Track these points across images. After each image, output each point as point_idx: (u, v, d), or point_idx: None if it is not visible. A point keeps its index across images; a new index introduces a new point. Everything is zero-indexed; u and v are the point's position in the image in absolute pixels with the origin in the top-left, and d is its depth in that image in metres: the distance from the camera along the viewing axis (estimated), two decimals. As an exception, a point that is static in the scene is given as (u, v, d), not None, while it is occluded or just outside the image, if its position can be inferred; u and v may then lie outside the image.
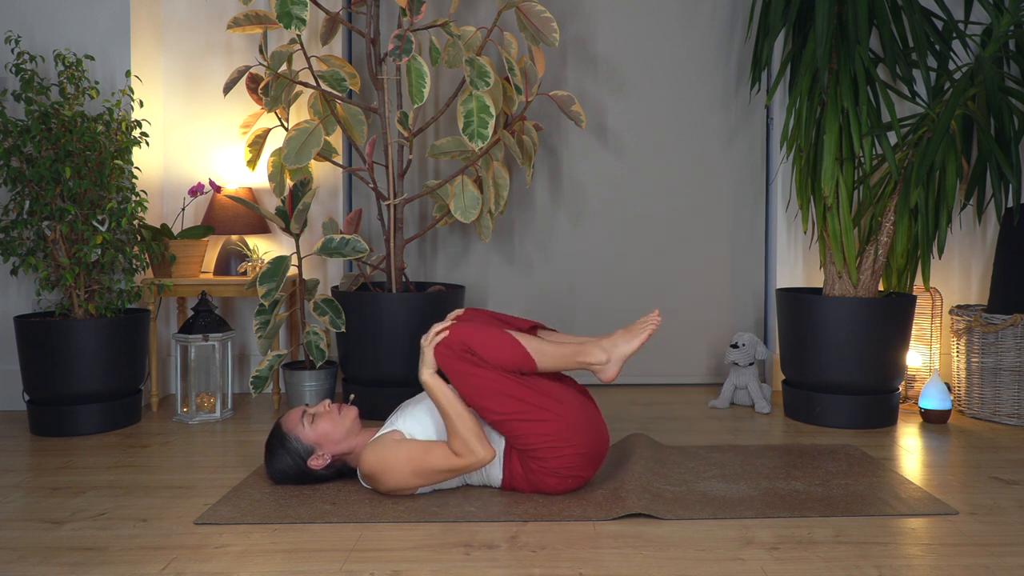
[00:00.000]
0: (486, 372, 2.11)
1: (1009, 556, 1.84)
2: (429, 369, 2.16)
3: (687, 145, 3.64)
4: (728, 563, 1.80)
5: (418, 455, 2.12)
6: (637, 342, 2.24)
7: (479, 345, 2.12)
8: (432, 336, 2.18)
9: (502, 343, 2.14)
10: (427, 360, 2.16)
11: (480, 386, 2.10)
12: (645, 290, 3.66)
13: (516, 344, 2.15)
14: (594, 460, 2.19)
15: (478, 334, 2.14)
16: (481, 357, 2.11)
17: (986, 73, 2.79)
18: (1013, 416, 2.99)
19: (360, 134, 3.18)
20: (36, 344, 2.82)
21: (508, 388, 2.10)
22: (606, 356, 2.24)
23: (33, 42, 3.18)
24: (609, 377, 2.25)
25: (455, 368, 2.12)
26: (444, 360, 2.13)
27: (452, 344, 2.12)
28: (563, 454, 2.13)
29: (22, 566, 1.79)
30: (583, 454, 2.16)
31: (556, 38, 2.91)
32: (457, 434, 2.10)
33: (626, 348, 2.25)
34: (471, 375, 2.10)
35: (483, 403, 2.11)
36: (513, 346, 2.14)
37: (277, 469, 2.25)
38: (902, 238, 2.99)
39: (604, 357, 2.24)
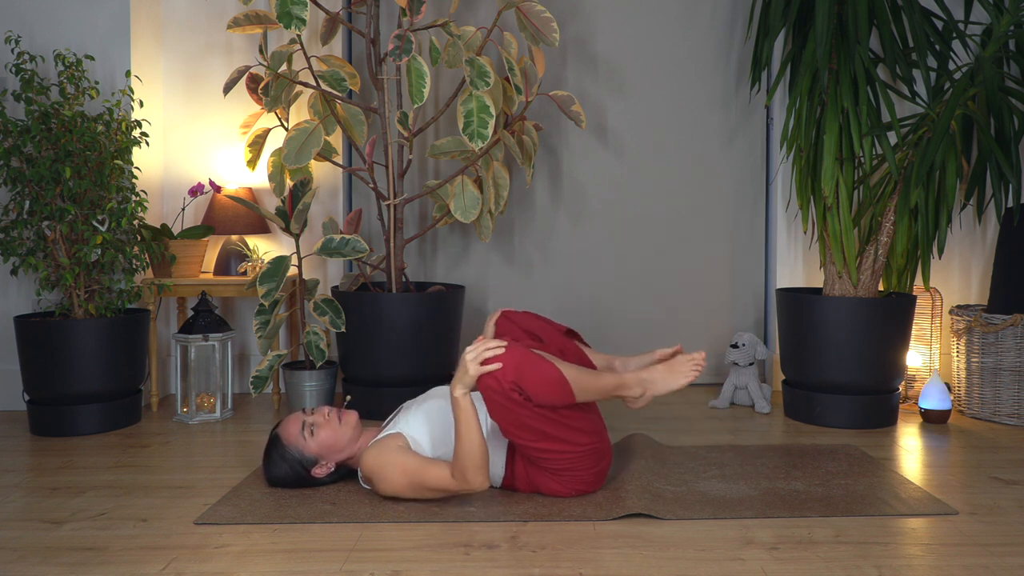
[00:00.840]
0: (528, 411, 2.05)
1: (1009, 556, 1.84)
2: (465, 389, 2.05)
3: (687, 145, 3.64)
4: (728, 563, 1.80)
5: (415, 470, 2.08)
6: (675, 386, 2.23)
7: (529, 384, 2.03)
8: (480, 355, 2.04)
9: (550, 382, 2.05)
10: (467, 381, 2.04)
11: (517, 421, 2.06)
12: (645, 290, 3.66)
13: (564, 383, 2.07)
14: (598, 480, 2.21)
15: (529, 371, 2.03)
16: (528, 396, 2.04)
17: (986, 73, 2.78)
18: (1013, 416, 2.99)
19: (360, 134, 3.18)
20: (36, 344, 2.82)
21: (543, 426, 2.07)
22: (641, 391, 2.23)
23: (33, 42, 3.18)
24: (636, 407, 2.26)
25: (499, 403, 2.04)
26: (490, 394, 2.04)
27: (503, 380, 2.02)
28: (574, 474, 2.16)
29: (22, 566, 1.79)
30: (593, 472, 2.18)
31: (556, 38, 2.91)
32: (460, 461, 2.04)
33: (662, 389, 2.23)
34: (512, 412, 2.05)
35: (514, 432, 2.08)
36: (560, 384, 2.06)
37: (276, 476, 2.24)
38: (902, 238, 2.99)
39: (639, 392, 2.23)
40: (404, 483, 2.09)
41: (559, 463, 2.13)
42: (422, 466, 2.08)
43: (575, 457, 2.13)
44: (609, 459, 2.22)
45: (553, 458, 2.12)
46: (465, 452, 2.03)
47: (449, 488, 2.07)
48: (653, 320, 3.67)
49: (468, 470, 2.03)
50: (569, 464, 2.14)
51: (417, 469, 2.08)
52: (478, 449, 2.03)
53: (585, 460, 2.15)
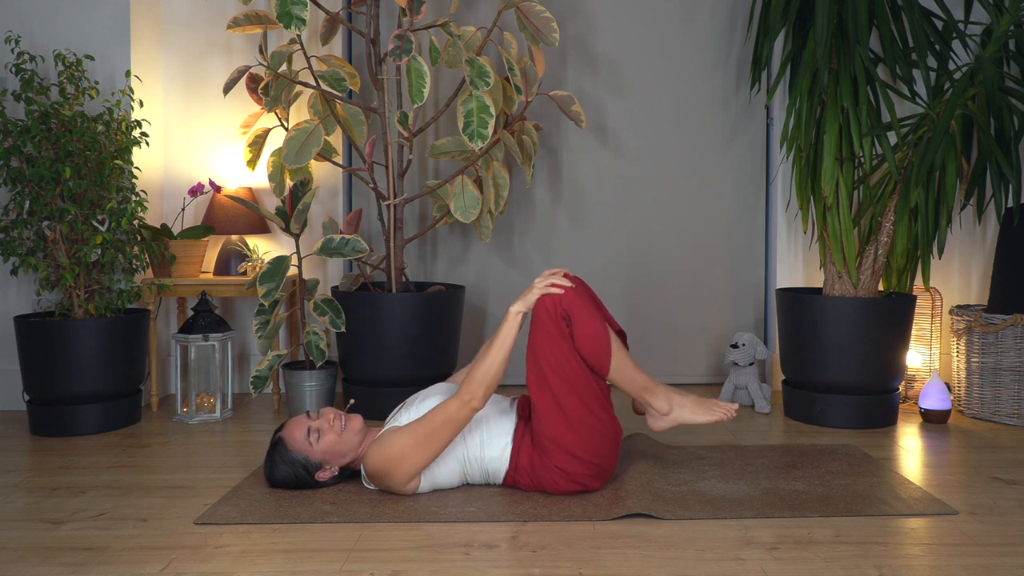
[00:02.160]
0: (567, 350, 2.12)
1: (1009, 556, 1.84)
2: (523, 308, 2.15)
3: (687, 145, 3.64)
4: (728, 563, 1.80)
5: (415, 425, 2.12)
6: (701, 419, 2.26)
7: (579, 323, 2.12)
8: (547, 281, 2.15)
9: (598, 334, 2.13)
10: (529, 299, 2.15)
11: (553, 355, 2.11)
12: (645, 290, 3.66)
13: (607, 343, 2.14)
14: (605, 475, 2.21)
15: (584, 311, 2.13)
16: (573, 332, 2.12)
17: (986, 73, 2.78)
18: (1013, 416, 2.99)
19: (360, 134, 3.18)
20: (36, 344, 2.82)
21: (573, 376, 2.12)
22: (668, 408, 2.26)
23: (33, 42, 3.18)
24: (657, 428, 2.29)
25: (546, 326, 2.12)
26: (541, 311, 2.13)
27: (560, 303, 2.12)
28: (581, 460, 2.14)
29: (22, 566, 1.79)
30: (598, 465, 2.17)
31: (556, 38, 2.91)
32: (475, 373, 2.10)
33: (688, 416, 2.26)
34: (553, 341, 2.11)
35: (543, 368, 2.11)
36: (603, 342, 2.14)
37: (278, 477, 2.24)
38: (902, 238, 2.99)
39: (666, 408, 2.26)
40: (411, 444, 2.11)
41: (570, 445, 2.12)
42: (423, 418, 2.12)
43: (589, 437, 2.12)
44: (614, 461, 2.22)
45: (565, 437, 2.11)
46: (486, 364, 2.10)
47: (449, 408, 2.10)
48: (653, 320, 3.67)
49: (476, 383, 2.09)
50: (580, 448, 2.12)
51: (417, 423, 2.12)
52: (498, 368, 2.11)
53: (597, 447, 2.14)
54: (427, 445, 2.11)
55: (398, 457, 2.11)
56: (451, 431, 2.12)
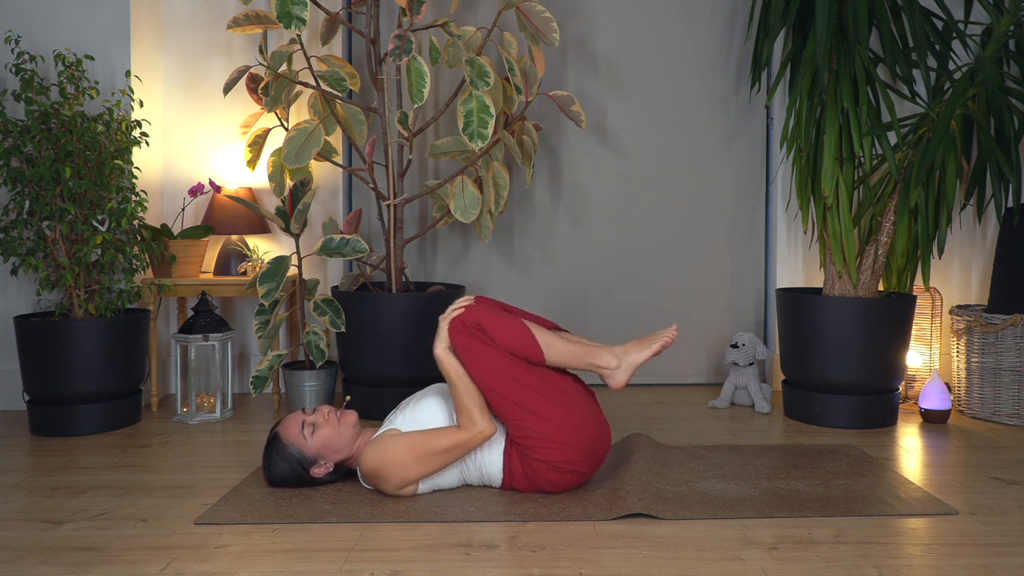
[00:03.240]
0: (495, 353, 2.15)
1: (1009, 556, 1.84)
2: (443, 344, 2.20)
3: (687, 145, 3.64)
4: (728, 563, 1.80)
5: (420, 441, 2.13)
6: (648, 352, 2.27)
7: (491, 326, 2.17)
8: (449, 312, 2.23)
9: (513, 328, 2.18)
10: (441, 335, 2.20)
11: (488, 366, 2.13)
12: (645, 290, 3.66)
13: (527, 332, 2.19)
14: (594, 457, 2.19)
15: (492, 316, 2.19)
16: (492, 337, 2.16)
17: (986, 73, 2.78)
18: (1013, 416, 2.99)
19: (360, 134, 3.18)
20: (36, 344, 2.82)
21: (515, 372, 2.14)
22: (616, 362, 2.26)
23: (33, 42, 3.18)
24: (617, 383, 2.27)
25: (466, 344, 2.15)
26: (456, 336, 2.17)
27: (466, 320, 2.17)
28: (563, 447, 2.14)
29: (22, 566, 1.79)
30: (583, 450, 2.16)
31: (556, 38, 2.91)
32: (463, 407, 2.13)
33: (637, 357, 2.27)
34: (481, 353, 2.14)
35: (490, 383, 2.14)
36: (524, 334, 2.18)
37: (276, 475, 2.24)
38: (902, 238, 2.99)
39: (615, 363, 2.26)
40: (411, 458, 2.12)
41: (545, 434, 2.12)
42: (426, 435, 2.14)
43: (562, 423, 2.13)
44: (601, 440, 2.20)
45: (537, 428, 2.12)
46: (464, 398, 2.14)
47: (458, 439, 2.12)
48: (653, 319, 3.67)
49: (474, 413, 2.12)
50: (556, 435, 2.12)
51: (422, 439, 2.13)
52: (475, 393, 2.15)
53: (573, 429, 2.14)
54: (427, 463, 2.14)
55: (394, 465, 2.12)
56: (457, 456, 2.16)
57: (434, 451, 2.12)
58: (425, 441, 2.12)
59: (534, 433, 2.13)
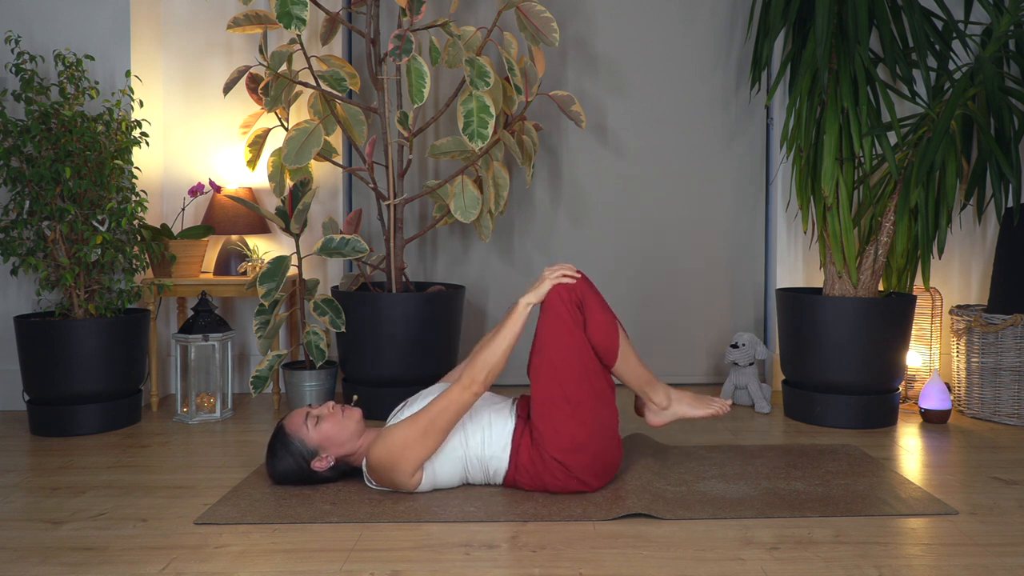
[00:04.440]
0: (580, 336, 2.14)
1: (1009, 556, 1.84)
2: (534, 299, 2.17)
3: (687, 145, 3.64)
4: (728, 563, 1.80)
5: (414, 417, 2.13)
6: (698, 413, 2.33)
7: (591, 310, 2.16)
8: (559, 272, 2.18)
9: (609, 324, 2.17)
10: (540, 291, 2.17)
11: (566, 343, 2.13)
12: (645, 290, 3.66)
13: (616, 335, 2.18)
14: (606, 471, 2.21)
15: (596, 302, 2.17)
16: (585, 320, 2.15)
17: (986, 73, 2.79)
18: (1013, 416, 2.99)
19: (360, 134, 3.18)
20: (36, 344, 2.82)
21: (584, 361, 2.14)
22: (667, 403, 2.32)
23: (33, 42, 3.18)
24: (656, 422, 2.34)
25: (561, 314, 2.14)
26: (556, 300, 2.14)
27: (574, 291, 2.15)
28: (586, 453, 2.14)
29: (22, 566, 1.79)
30: (599, 460, 2.17)
31: (556, 38, 2.91)
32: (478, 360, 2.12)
33: (685, 410, 2.33)
34: (568, 330, 2.13)
35: (555, 358, 2.13)
36: (612, 334, 2.17)
37: (279, 470, 2.25)
38: (902, 238, 2.99)
39: (665, 403, 2.32)
40: (415, 433, 2.11)
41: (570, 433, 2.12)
42: (424, 408, 2.14)
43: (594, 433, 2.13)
44: (617, 463, 2.22)
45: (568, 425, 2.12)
46: (489, 352, 2.13)
47: (453, 396, 2.12)
48: (653, 320, 3.67)
49: (478, 369, 2.11)
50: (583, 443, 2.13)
51: (417, 414, 2.13)
52: (500, 357, 2.13)
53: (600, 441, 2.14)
54: (429, 434, 2.12)
55: (401, 448, 2.12)
56: (452, 416, 2.13)
57: (430, 418, 2.11)
58: (420, 414, 2.13)
59: (562, 429, 2.13)
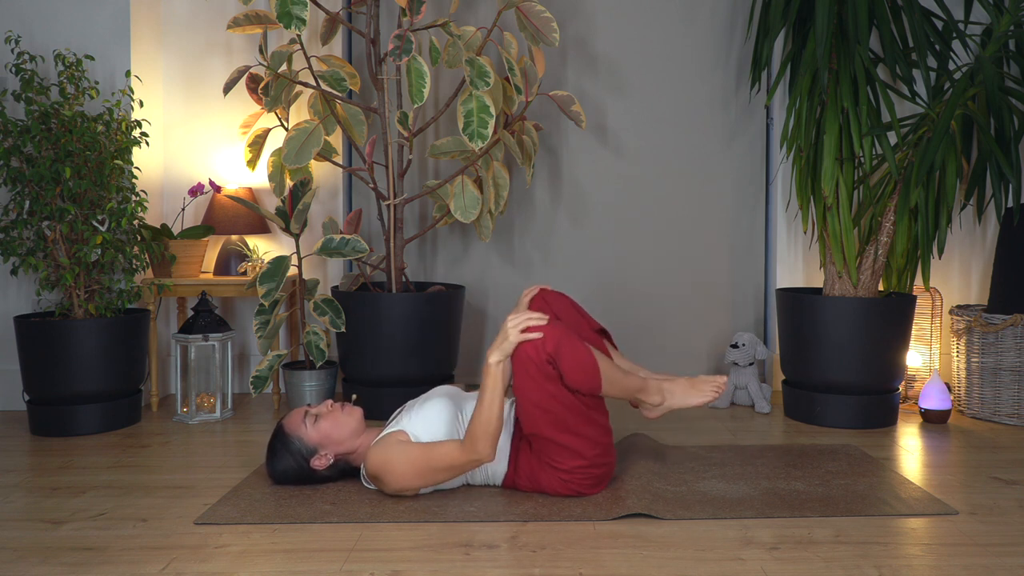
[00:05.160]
0: (555, 387, 2.06)
1: (1009, 556, 1.84)
2: (501, 356, 2.06)
3: (687, 145, 3.64)
4: (728, 563, 1.80)
5: (420, 454, 2.12)
6: (694, 403, 2.30)
7: (564, 361, 2.04)
8: (523, 323, 2.06)
9: (585, 366, 2.06)
10: (506, 348, 2.06)
11: (543, 398, 2.06)
12: (645, 290, 3.66)
13: (595, 371, 2.07)
14: (602, 481, 2.22)
15: (568, 347, 2.05)
16: (560, 372, 2.05)
17: (986, 73, 2.78)
18: (1013, 416, 2.99)
19: (360, 134, 3.18)
20: (36, 344, 2.82)
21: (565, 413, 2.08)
22: (660, 399, 2.30)
23: (33, 42, 3.18)
24: (651, 416, 2.33)
25: (532, 374, 2.05)
26: (523, 360, 2.05)
27: (542, 350, 2.04)
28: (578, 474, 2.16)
29: (22, 566, 1.79)
30: (597, 474, 2.18)
31: (556, 38, 2.91)
32: (475, 428, 2.06)
33: (680, 403, 2.30)
34: (542, 387, 2.06)
35: (537, 412, 2.08)
36: (592, 373, 2.07)
37: (279, 469, 2.25)
38: (902, 238, 2.99)
39: (659, 400, 2.30)
40: (411, 471, 2.11)
41: (568, 460, 2.13)
42: (427, 449, 2.12)
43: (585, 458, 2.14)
44: (613, 467, 2.23)
45: (564, 453, 2.12)
46: (483, 420, 2.05)
47: (457, 461, 2.09)
48: (653, 320, 3.67)
49: (479, 439, 2.06)
50: (577, 463, 2.14)
51: (422, 453, 2.12)
52: (496, 420, 2.05)
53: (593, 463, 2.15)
54: (424, 478, 2.13)
55: (394, 474, 2.12)
56: (453, 476, 2.15)
57: (432, 467, 2.11)
58: (424, 455, 2.11)
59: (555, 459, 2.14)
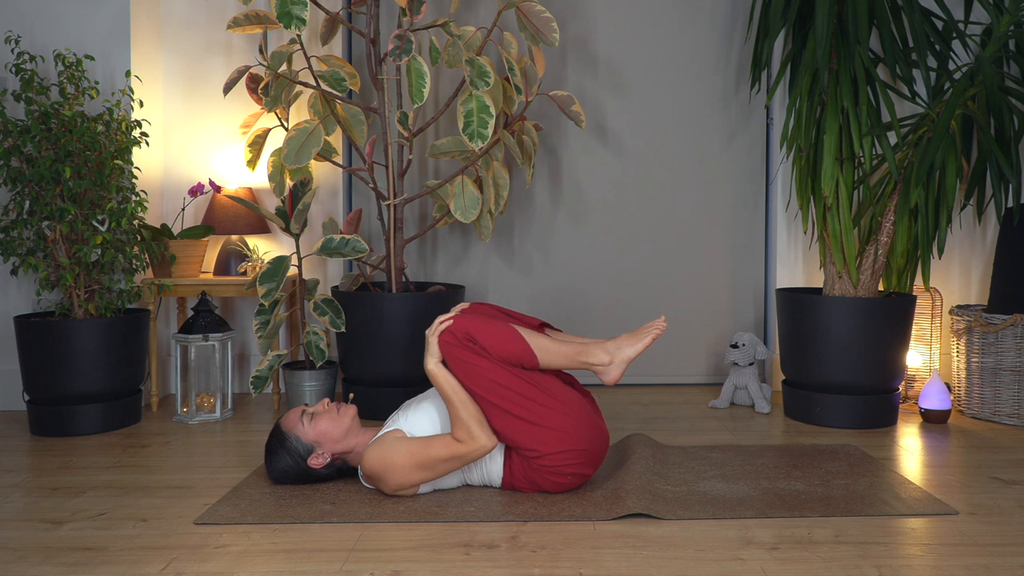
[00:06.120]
0: (488, 363, 2.12)
1: (1009, 556, 1.84)
2: (434, 358, 2.18)
3: (687, 145, 3.64)
4: (728, 563, 1.80)
5: (420, 448, 2.13)
6: (641, 345, 2.27)
7: (482, 335, 2.14)
8: (436, 326, 2.20)
9: (505, 335, 2.15)
10: (432, 349, 2.18)
11: (484, 377, 2.11)
12: (645, 290, 3.66)
13: (519, 338, 2.16)
14: (594, 459, 2.19)
15: (482, 325, 2.16)
16: (484, 347, 2.13)
17: (986, 73, 2.78)
18: (1013, 416, 2.99)
19: (360, 134, 3.18)
20: (36, 344, 2.82)
21: (509, 381, 2.12)
22: (609, 358, 2.26)
23: (33, 42, 3.18)
24: (611, 379, 2.27)
25: (457, 356, 2.13)
26: (447, 348, 2.15)
27: (456, 332, 2.14)
28: (565, 453, 2.14)
29: (22, 566, 1.79)
30: (582, 451, 2.16)
31: (556, 38, 2.91)
32: (460, 421, 2.11)
33: (630, 351, 2.27)
34: (473, 365, 2.12)
35: (486, 395, 2.12)
36: (515, 340, 2.15)
37: (277, 469, 2.25)
38: (902, 238, 2.99)
39: (607, 359, 2.26)
40: (411, 465, 2.12)
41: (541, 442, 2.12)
42: (425, 443, 2.13)
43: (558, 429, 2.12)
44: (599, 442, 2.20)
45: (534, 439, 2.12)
46: (460, 412, 2.11)
47: (458, 451, 2.11)
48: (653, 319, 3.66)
49: (472, 427, 2.10)
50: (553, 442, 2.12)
51: (421, 447, 2.13)
52: (472, 406, 2.12)
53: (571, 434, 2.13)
54: (425, 471, 2.14)
55: (394, 469, 2.13)
56: (455, 467, 2.15)
57: (433, 459, 2.12)
58: (425, 449, 2.13)
59: (535, 443, 2.13)
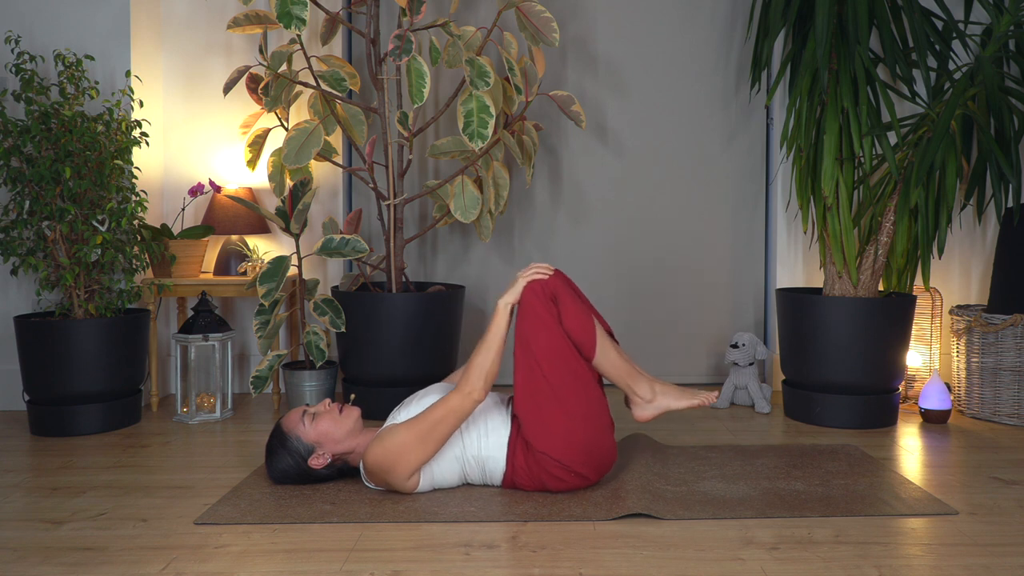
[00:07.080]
0: (557, 330, 2.16)
1: (1009, 556, 1.84)
2: (511, 299, 2.21)
3: (687, 145, 3.64)
4: (728, 563, 1.80)
5: (413, 421, 2.14)
6: (684, 403, 2.31)
7: (565, 304, 2.19)
8: (531, 272, 2.22)
9: (584, 318, 2.20)
10: (515, 290, 2.21)
11: (545, 337, 2.15)
12: (645, 290, 3.66)
13: (592, 327, 2.21)
14: (601, 465, 2.21)
15: (569, 296, 2.21)
16: (560, 314, 2.18)
17: (986, 73, 2.79)
18: (1013, 416, 2.99)
19: (360, 134, 3.18)
20: (36, 344, 2.82)
21: (565, 355, 2.16)
22: (651, 396, 2.30)
23: (33, 42, 3.18)
24: (643, 416, 2.32)
25: (535, 308, 2.17)
26: (530, 295, 2.18)
27: (546, 286, 2.19)
28: (573, 446, 2.14)
29: (22, 566, 1.80)
30: (592, 454, 2.17)
31: (556, 38, 2.91)
32: (474, 368, 2.14)
33: (672, 402, 2.31)
34: (544, 324, 2.16)
35: (536, 352, 2.15)
36: (589, 328, 2.20)
37: (278, 469, 2.25)
38: (902, 238, 2.99)
39: (650, 396, 2.30)
40: (412, 439, 2.12)
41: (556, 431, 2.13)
42: (423, 413, 2.15)
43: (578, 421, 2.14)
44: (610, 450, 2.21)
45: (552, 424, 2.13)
46: (481, 359, 2.16)
47: (451, 403, 2.13)
48: (653, 320, 3.67)
49: (474, 376, 2.14)
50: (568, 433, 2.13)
51: (417, 419, 2.14)
52: (492, 363, 2.16)
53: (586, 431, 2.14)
54: (428, 439, 2.13)
55: (398, 452, 2.12)
56: (452, 424, 2.14)
57: (430, 424, 2.12)
58: (420, 419, 2.14)
59: (550, 422, 2.14)
